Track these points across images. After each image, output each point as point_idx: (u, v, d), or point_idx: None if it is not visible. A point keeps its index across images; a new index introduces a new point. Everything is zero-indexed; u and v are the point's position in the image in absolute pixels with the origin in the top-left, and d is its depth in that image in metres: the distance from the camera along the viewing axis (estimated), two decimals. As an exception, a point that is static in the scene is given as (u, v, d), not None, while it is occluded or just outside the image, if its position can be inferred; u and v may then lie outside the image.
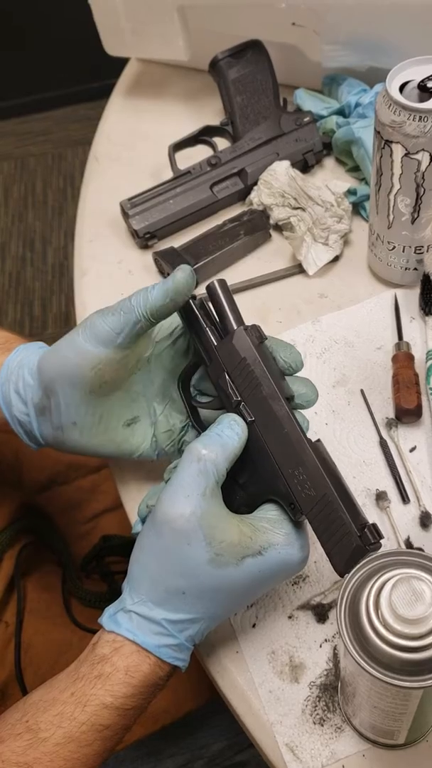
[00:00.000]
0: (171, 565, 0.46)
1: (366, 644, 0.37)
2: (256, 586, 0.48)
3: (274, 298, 0.71)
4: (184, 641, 0.47)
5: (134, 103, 0.90)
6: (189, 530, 0.45)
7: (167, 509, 0.46)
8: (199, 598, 0.46)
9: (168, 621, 0.47)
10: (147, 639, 0.47)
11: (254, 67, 0.78)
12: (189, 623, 0.47)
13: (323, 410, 0.63)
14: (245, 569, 0.46)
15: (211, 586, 0.46)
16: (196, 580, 0.46)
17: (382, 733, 0.46)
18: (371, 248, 0.68)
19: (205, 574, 0.46)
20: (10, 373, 0.53)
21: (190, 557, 0.45)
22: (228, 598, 0.47)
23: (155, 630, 0.47)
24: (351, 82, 0.78)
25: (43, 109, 2.18)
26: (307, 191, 0.72)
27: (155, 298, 0.49)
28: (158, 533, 0.46)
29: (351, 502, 0.46)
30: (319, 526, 0.46)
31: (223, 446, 0.47)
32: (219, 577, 0.46)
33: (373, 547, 0.44)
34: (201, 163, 0.77)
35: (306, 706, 0.51)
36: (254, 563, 0.46)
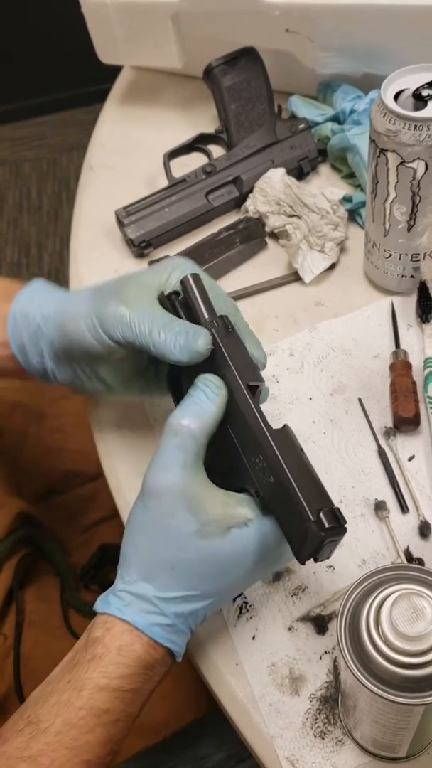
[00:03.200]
0: (158, 539, 0.46)
1: (366, 660, 0.37)
2: (245, 561, 0.47)
3: (270, 306, 0.70)
4: (176, 622, 0.47)
5: (128, 111, 0.90)
6: (172, 502, 0.45)
7: (151, 482, 0.46)
8: (187, 572, 0.46)
9: (158, 598, 0.46)
10: (137, 617, 0.46)
11: (248, 74, 0.78)
12: (180, 601, 0.46)
13: (321, 419, 0.63)
14: (232, 540, 0.46)
15: (198, 558, 0.46)
16: (184, 554, 0.45)
17: (384, 747, 0.46)
18: (367, 256, 0.68)
19: (192, 546, 0.45)
20: (19, 323, 0.55)
21: (176, 529, 0.45)
22: (217, 573, 0.47)
23: (145, 608, 0.46)
24: (346, 88, 0.77)
25: (38, 114, 2.18)
26: (303, 199, 0.72)
27: (172, 356, 0.50)
28: (144, 508, 0.47)
29: (315, 488, 0.45)
30: (279, 514, 0.46)
31: (199, 416, 0.47)
32: (206, 548, 0.45)
33: (332, 532, 0.43)
34: (196, 171, 0.76)
35: (306, 719, 0.51)
36: (241, 534, 0.46)
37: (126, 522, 0.49)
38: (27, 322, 0.55)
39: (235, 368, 0.49)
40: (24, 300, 0.56)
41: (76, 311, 0.53)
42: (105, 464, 0.65)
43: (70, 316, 0.53)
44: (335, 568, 0.56)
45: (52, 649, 0.71)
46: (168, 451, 0.46)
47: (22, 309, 0.56)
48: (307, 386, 0.65)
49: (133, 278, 0.54)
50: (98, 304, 0.52)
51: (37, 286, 0.57)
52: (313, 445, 0.61)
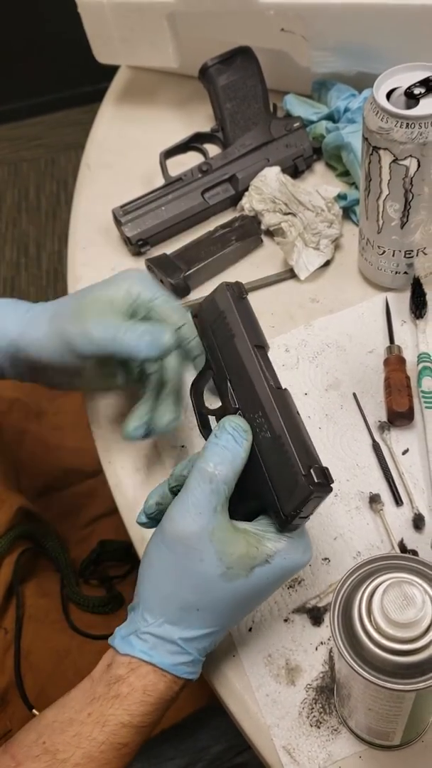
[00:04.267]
0: (184, 582, 0.47)
1: (359, 648, 0.38)
2: (264, 593, 0.49)
3: (266, 303, 0.71)
4: (198, 656, 0.49)
5: (125, 111, 0.91)
6: (202, 546, 0.46)
7: (181, 527, 0.46)
8: (212, 612, 0.47)
9: (183, 639, 0.47)
10: (164, 660, 0.48)
11: (244, 73, 0.79)
12: (203, 638, 0.48)
13: (316, 414, 0.64)
14: (255, 579, 0.47)
15: (224, 599, 0.47)
16: (209, 595, 0.47)
17: (378, 735, 0.47)
18: (362, 252, 0.69)
19: (218, 589, 0.46)
20: None
21: (203, 573, 0.46)
22: (239, 609, 0.49)
23: (171, 650, 0.48)
24: (340, 87, 0.78)
25: (36, 113, 2.18)
26: (298, 196, 0.73)
27: (141, 354, 0.54)
28: (170, 550, 0.47)
29: (307, 447, 0.46)
30: (271, 468, 0.47)
31: (231, 462, 0.47)
32: (231, 589, 0.47)
33: (320, 488, 0.44)
34: (192, 169, 0.77)
35: (303, 709, 0.51)
36: (263, 572, 0.47)
37: (143, 560, 0.50)
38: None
39: (245, 330, 0.51)
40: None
41: (39, 338, 0.56)
42: (104, 461, 0.65)
43: (35, 346, 0.56)
44: (330, 561, 0.57)
45: (52, 643, 0.72)
46: (201, 494, 0.46)
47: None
48: (302, 382, 0.65)
49: (89, 293, 0.57)
50: (59, 326, 0.55)
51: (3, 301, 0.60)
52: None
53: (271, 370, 0.50)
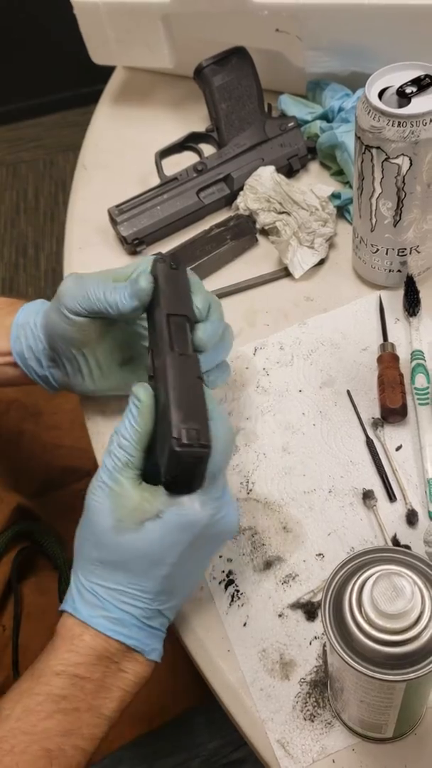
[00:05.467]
0: (87, 537, 0.48)
1: (350, 640, 0.38)
2: (166, 552, 0.47)
3: (261, 301, 0.72)
4: (123, 616, 0.48)
5: (121, 111, 0.91)
6: (99, 501, 0.47)
7: (89, 487, 0.49)
8: (113, 566, 0.48)
9: (102, 590, 0.48)
10: (83, 610, 0.48)
11: (239, 73, 0.79)
12: (119, 594, 0.48)
13: (310, 411, 0.64)
14: (145, 533, 0.46)
15: (117, 553, 0.47)
16: (105, 549, 0.47)
17: (371, 727, 0.47)
18: (355, 251, 0.69)
19: (111, 542, 0.47)
20: (19, 332, 0.60)
21: (97, 526, 0.47)
22: (144, 567, 0.47)
23: (91, 601, 0.48)
24: (334, 87, 0.79)
25: (34, 115, 2.19)
26: (292, 196, 0.73)
27: (124, 306, 0.53)
28: (84, 509, 0.49)
29: (192, 412, 0.44)
30: (159, 433, 0.46)
31: (126, 428, 0.48)
32: (123, 544, 0.47)
33: (188, 448, 0.43)
34: (187, 169, 0.78)
35: (297, 703, 0.52)
36: (154, 527, 0.46)
37: None
38: (25, 331, 0.60)
39: (163, 297, 0.50)
40: (24, 312, 0.62)
41: (51, 309, 0.58)
42: (100, 460, 0.66)
43: (47, 311, 0.59)
44: (325, 556, 0.57)
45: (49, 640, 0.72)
46: (105, 458, 0.48)
47: (22, 319, 0.61)
48: (296, 379, 0.66)
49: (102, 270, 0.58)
50: (61, 289, 0.56)
51: (37, 301, 0.63)
52: (302, 437, 0.63)
53: (182, 336, 0.49)
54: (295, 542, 0.58)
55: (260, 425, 0.64)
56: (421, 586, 0.38)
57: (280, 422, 0.64)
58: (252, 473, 0.62)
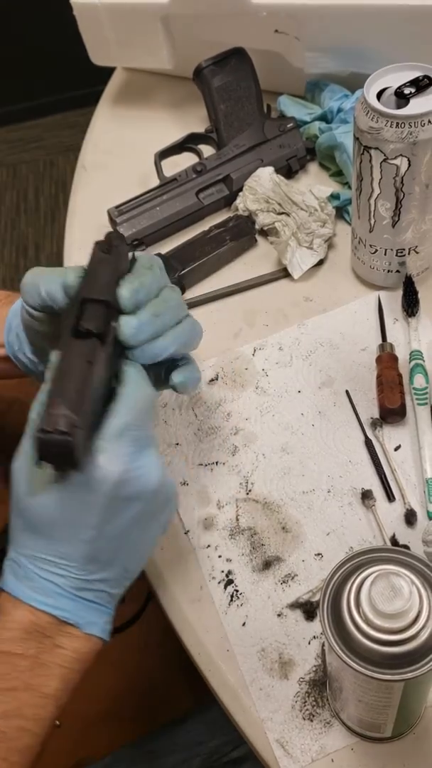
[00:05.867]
0: (11, 505, 0.47)
1: (348, 639, 0.38)
2: (79, 514, 0.45)
3: (260, 302, 0.72)
4: (47, 586, 0.46)
5: (121, 112, 0.91)
6: (17, 470, 0.46)
7: None
8: (33, 532, 0.46)
9: (25, 558, 0.46)
10: (10, 582, 0.47)
11: (238, 74, 0.80)
12: (42, 563, 0.46)
13: (309, 411, 0.64)
14: (53, 494, 0.45)
15: (34, 517, 0.46)
16: (23, 515, 0.46)
17: (369, 727, 0.47)
18: (354, 251, 0.69)
19: (26, 507, 0.45)
20: (10, 322, 0.59)
21: (16, 492, 0.46)
22: (59, 532, 0.46)
23: (17, 572, 0.47)
24: (333, 87, 0.79)
25: (35, 116, 2.19)
26: (291, 196, 0.74)
27: (57, 301, 0.50)
28: None
29: (72, 399, 0.42)
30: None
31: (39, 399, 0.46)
32: (35, 506, 0.45)
33: (49, 437, 0.41)
34: (187, 170, 0.78)
35: (296, 702, 0.52)
36: (59, 487, 0.45)
37: None
38: (15, 322, 0.59)
39: (85, 282, 0.48)
40: (18, 303, 0.60)
41: (18, 304, 0.57)
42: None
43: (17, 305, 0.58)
44: (323, 556, 0.57)
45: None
46: (25, 436, 0.47)
47: (14, 309, 0.59)
48: (295, 380, 0.66)
49: None
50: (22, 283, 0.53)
51: None
52: (301, 437, 0.63)
53: (93, 321, 0.45)
54: (294, 542, 0.58)
55: (259, 426, 0.64)
56: (419, 586, 0.38)
57: (279, 423, 0.64)
58: (251, 473, 0.62)
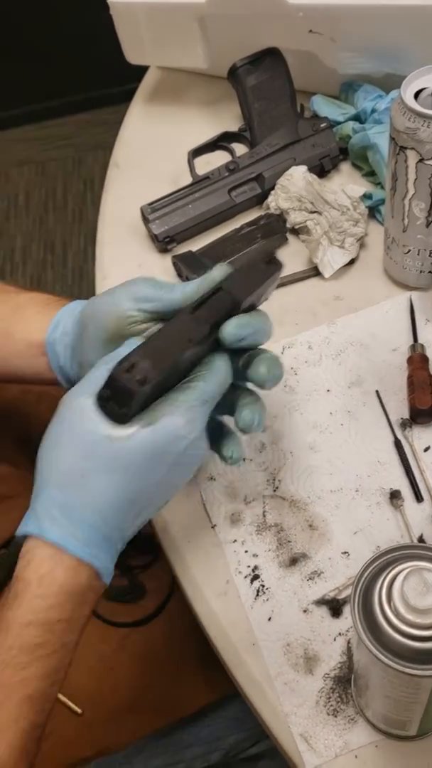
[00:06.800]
0: (69, 446, 0.46)
1: (379, 634, 0.39)
2: (153, 465, 0.47)
3: (290, 300, 0.72)
4: (94, 533, 0.46)
5: (154, 110, 0.92)
6: (86, 409, 0.46)
7: (69, 396, 0.48)
8: (97, 479, 0.46)
9: (67, 504, 0.46)
10: (53, 533, 0.45)
11: (272, 74, 0.80)
12: (94, 512, 0.46)
13: (338, 411, 0.64)
14: (137, 443, 0.46)
15: (107, 463, 0.46)
16: (92, 459, 0.45)
17: (395, 724, 0.48)
18: (387, 251, 0.70)
19: (101, 451, 0.45)
20: (57, 322, 0.58)
21: (86, 435, 0.46)
22: (127, 479, 0.46)
23: (60, 521, 0.46)
24: (367, 88, 0.79)
25: (64, 113, 2.21)
26: (324, 195, 0.74)
27: (191, 290, 0.52)
28: (60, 419, 0.47)
29: (158, 361, 0.46)
30: None
31: None
32: (114, 452, 0.45)
33: (123, 376, 0.44)
34: (219, 168, 0.78)
35: (320, 698, 0.52)
36: (144, 435, 0.46)
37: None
38: (60, 326, 0.58)
39: (233, 275, 0.50)
40: (66, 309, 0.59)
41: (105, 292, 0.56)
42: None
43: (104, 298, 0.56)
44: (350, 555, 0.57)
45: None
46: (90, 374, 0.48)
47: (62, 316, 0.59)
48: (324, 379, 0.66)
49: None
50: (123, 284, 0.55)
51: (75, 301, 0.60)
52: (330, 436, 0.63)
53: (212, 309, 0.49)
54: (321, 540, 0.59)
55: (287, 424, 0.64)
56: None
57: (307, 421, 0.64)
58: (278, 471, 0.62)
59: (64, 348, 0.58)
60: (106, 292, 0.56)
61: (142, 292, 0.53)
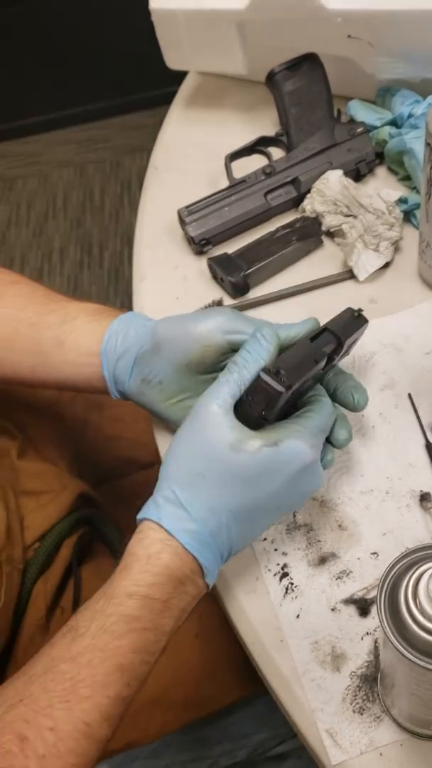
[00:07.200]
0: (195, 450, 0.51)
1: (404, 631, 0.39)
2: (269, 480, 0.51)
3: (324, 302, 0.73)
4: (203, 530, 0.50)
5: (193, 114, 0.94)
6: (217, 416, 0.50)
7: (201, 402, 0.51)
8: (216, 482, 0.50)
9: (188, 502, 0.50)
10: (168, 521, 0.50)
11: (309, 79, 0.81)
12: (208, 511, 0.50)
13: (371, 413, 0.65)
14: (260, 457, 0.50)
15: (228, 469, 0.50)
16: (215, 463, 0.50)
17: (421, 723, 0.48)
18: (421, 255, 0.70)
19: (224, 457, 0.50)
20: (119, 328, 0.60)
21: (213, 440, 0.50)
22: (243, 488, 0.50)
23: (175, 513, 0.50)
24: (404, 93, 0.79)
25: (103, 117, 2.24)
26: (359, 199, 0.74)
27: (276, 340, 0.55)
28: (191, 422, 0.52)
29: (294, 371, 0.51)
30: None
31: (256, 358, 0.53)
32: (236, 461, 0.50)
33: (271, 377, 0.50)
34: (256, 172, 0.79)
35: (347, 695, 0.53)
36: (269, 452, 0.50)
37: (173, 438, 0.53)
38: (121, 335, 0.60)
39: (334, 320, 0.58)
40: (123, 320, 0.61)
41: (189, 317, 0.59)
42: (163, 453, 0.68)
43: (187, 325, 0.58)
44: (379, 555, 0.58)
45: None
46: (221, 383, 0.52)
47: (119, 327, 0.61)
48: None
49: None
50: (209, 313, 0.59)
51: (136, 313, 0.63)
52: (361, 438, 0.64)
53: (322, 344, 0.55)
54: (350, 540, 0.59)
55: (319, 424, 0.65)
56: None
57: (339, 422, 0.65)
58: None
59: (123, 359, 0.60)
60: (188, 318, 0.59)
61: (231, 325, 0.57)
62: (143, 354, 0.59)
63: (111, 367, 0.61)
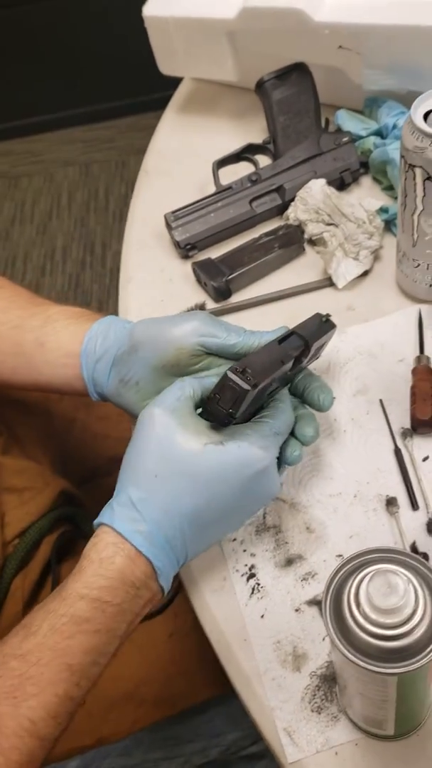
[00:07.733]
0: (146, 449, 0.52)
1: (348, 634, 0.41)
2: (219, 482, 0.51)
3: (304, 308, 0.73)
4: (156, 531, 0.50)
5: (185, 119, 0.95)
6: (162, 416, 0.52)
7: (147, 409, 0.53)
8: (168, 480, 0.51)
9: (140, 502, 0.51)
10: (121, 524, 0.50)
11: (298, 88, 0.82)
12: (161, 513, 0.51)
13: (342, 417, 0.66)
14: (207, 456, 0.51)
15: (176, 467, 0.51)
16: (164, 461, 0.51)
17: (373, 723, 0.49)
18: (398, 265, 0.71)
19: (172, 456, 0.51)
20: (99, 330, 0.62)
21: (163, 439, 0.51)
22: (195, 489, 0.51)
23: (129, 515, 0.51)
24: (391, 104, 0.80)
25: (109, 117, 2.26)
26: (341, 208, 0.76)
27: (248, 339, 0.58)
28: (139, 426, 0.53)
29: (261, 371, 0.52)
30: None
31: None
32: (184, 458, 0.51)
33: (237, 376, 0.50)
34: (242, 179, 0.81)
35: (305, 694, 0.54)
36: (215, 451, 0.51)
37: None
38: (100, 338, 0.61)
39: (301, 325, 0.59)
40: (103, 323, 0.63)
41: (166, 319, 0.60)
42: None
43: (164, 327, 0.59)
44: (344, 558, 0.59)
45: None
46: (170, 388, 0.54)
47: (98, 329, 0.62)
48: (331, 386, 0.67)
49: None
50: (187, 315, 0.60)
51: (114, 317, 0.64)
52: (332, 441, 0.65)
53: (290, 348, 0.56)
54: (317, 542, 0.60)
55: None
56: (416, 585, 0.40)
57: (312, 427, 0.66)
58: (280, 474, 0.64)
59: (102, 361, 0.61)
60: (164, 321, 0.60)
61: (206, 329, 0.58)
62: (121, 355, 0.60)
63: (90, 369, 0.62)
